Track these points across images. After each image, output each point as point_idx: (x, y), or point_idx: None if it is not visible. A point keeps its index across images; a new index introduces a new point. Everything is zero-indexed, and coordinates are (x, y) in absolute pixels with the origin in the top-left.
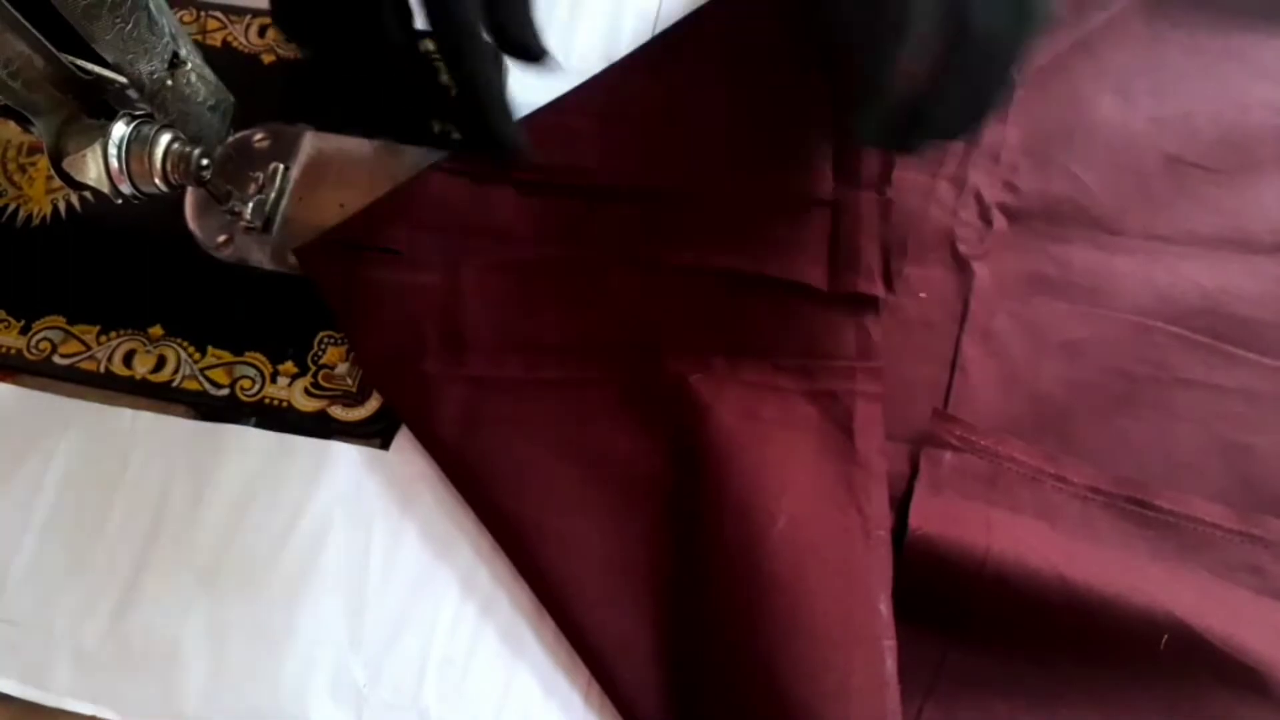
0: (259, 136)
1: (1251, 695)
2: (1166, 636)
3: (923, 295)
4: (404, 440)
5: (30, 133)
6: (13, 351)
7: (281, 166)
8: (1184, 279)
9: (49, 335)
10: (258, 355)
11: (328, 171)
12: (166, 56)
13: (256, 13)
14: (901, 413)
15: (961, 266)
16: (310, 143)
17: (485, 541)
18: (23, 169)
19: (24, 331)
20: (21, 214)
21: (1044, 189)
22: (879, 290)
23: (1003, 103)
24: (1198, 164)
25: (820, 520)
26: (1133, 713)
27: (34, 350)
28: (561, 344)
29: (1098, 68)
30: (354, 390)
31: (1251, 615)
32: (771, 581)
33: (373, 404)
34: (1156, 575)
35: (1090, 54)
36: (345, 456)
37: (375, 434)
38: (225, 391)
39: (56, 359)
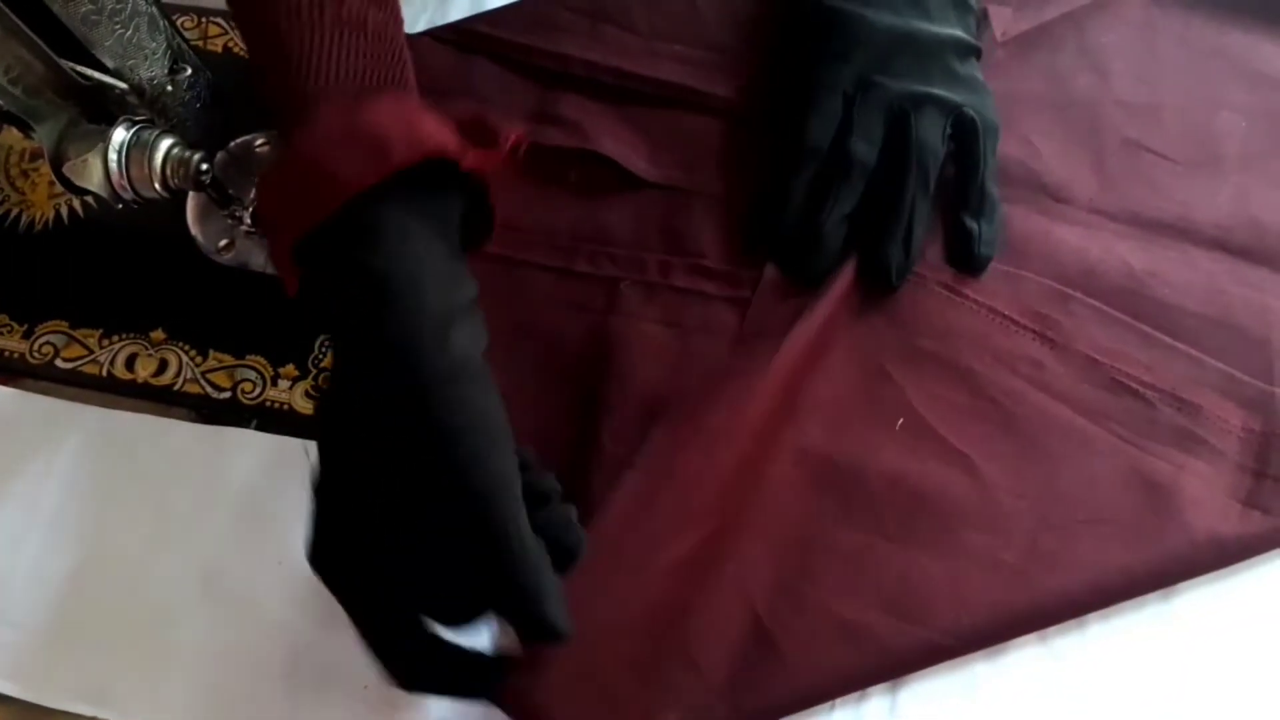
0: (259, 141)
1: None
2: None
3: None
4: None
5: (31, 138)
6: (15, 355)
7: None
8: (1115, 257)
9: (51, 339)
10: (259, 358)
11: None
12: (166, 62)
13: None
14: None
15: None
16: None
17: None
18: (25, 174)
19: (26, 335)
20: (24, 219)
21: (998, 150)
22: None
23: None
24: (1156, 151)
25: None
26: None
27: (36, 354)
28: (509, 222)
29: (1082, 44)
30: None
31: None
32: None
33: None
34: None
35: (1078, 30)
36: None
37: None
38: (227, 394)
39: (59, 363)
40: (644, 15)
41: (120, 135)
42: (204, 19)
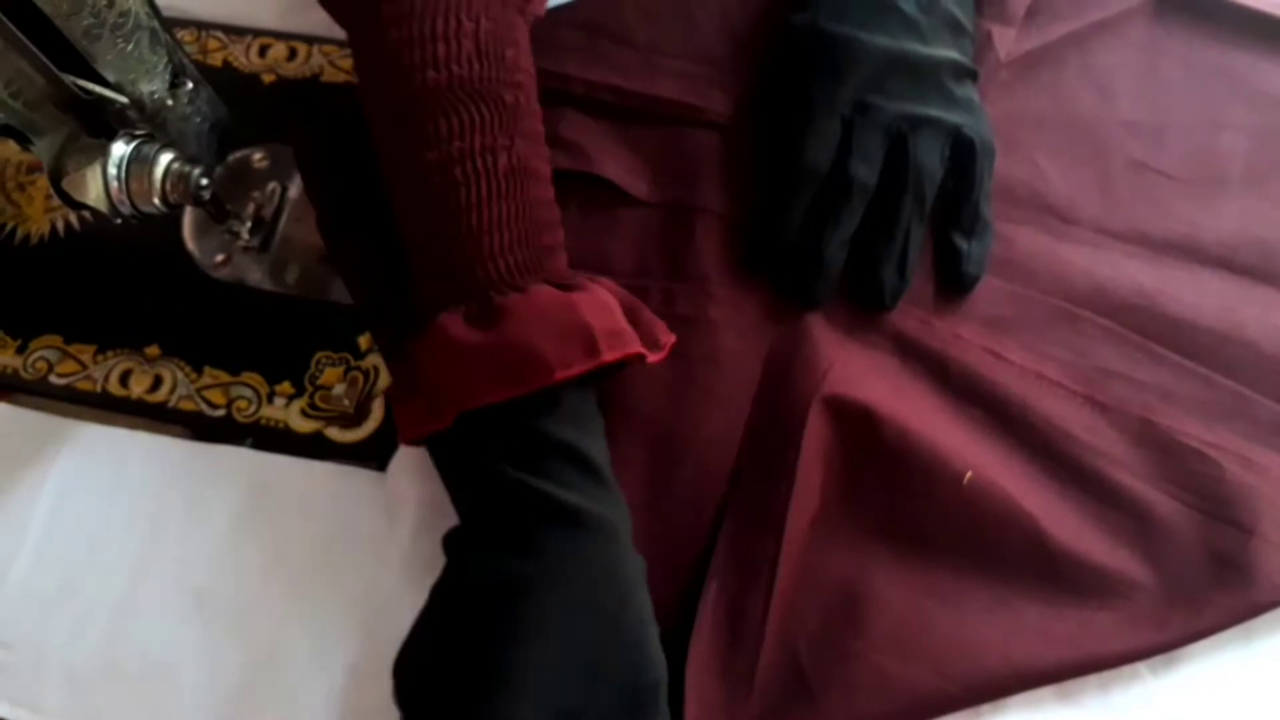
0: (258, 156)
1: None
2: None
3: None
4: (400, 463)
5: (30, 151)
6: (9, 371)
7: (280, 186)
8: (1125, 275)
9: (46, 355)
10: (254, 376)
11: None
12: (167, 77)
13: (257, 33)
14: None
15: None
16: None
17: None
18: (21, 188)
19: (21, 350)
20: (20, 233)
21: (1003, 171)
22: None
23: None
24: (1162, 171)
25: None
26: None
27: (30, 369)
28: None
29: (1085, 64)
30: (351, 411)
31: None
32: None
33: (370, 425)
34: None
35: (1082, 50)
36: (341, 478)
37: (372, 456)
38: (221, 412)
39: (53, 378)
40: (642, 29)
41: (120, 149)
42: (204, 33)
